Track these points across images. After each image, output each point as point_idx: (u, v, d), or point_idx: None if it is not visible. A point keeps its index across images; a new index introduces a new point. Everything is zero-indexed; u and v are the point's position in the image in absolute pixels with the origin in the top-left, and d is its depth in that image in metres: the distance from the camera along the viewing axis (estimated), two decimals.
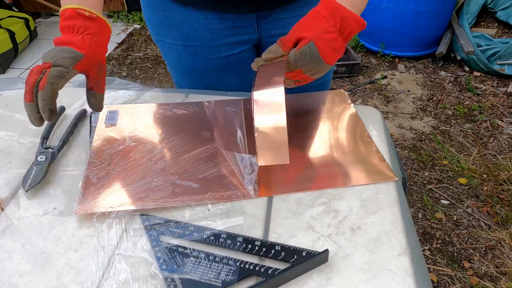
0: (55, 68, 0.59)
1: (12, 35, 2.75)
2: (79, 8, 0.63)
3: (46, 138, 0.71)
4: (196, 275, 0.50)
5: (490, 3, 2.99)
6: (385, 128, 0.75)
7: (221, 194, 0.61)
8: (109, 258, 0.53)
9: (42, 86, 0.58)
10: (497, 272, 1.45)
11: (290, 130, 0.59)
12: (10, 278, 0.51)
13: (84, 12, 0.63)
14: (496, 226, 1.62)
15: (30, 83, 0.59)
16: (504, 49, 2.43)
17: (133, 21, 3.40)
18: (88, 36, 0.63)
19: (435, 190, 1.79)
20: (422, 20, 2.50)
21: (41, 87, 0.58)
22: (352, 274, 0.50)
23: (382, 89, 2.46)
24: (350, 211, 0.58)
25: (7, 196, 0.62)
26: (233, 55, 0.87)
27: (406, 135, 2.10)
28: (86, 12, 0.63)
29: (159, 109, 0.80)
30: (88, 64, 0.63)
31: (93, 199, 0.60)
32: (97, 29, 0.64)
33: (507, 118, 2.18)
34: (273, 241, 0.54)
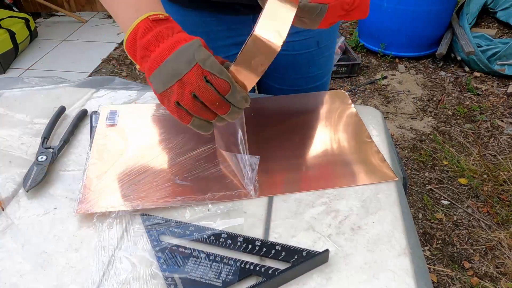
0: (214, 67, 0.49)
1: (13, 35, 2.75)
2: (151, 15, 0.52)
3: (47, 138, 0.71)
4: (197, 275, 0.50)
5: (490, 3, 2.99)
6: (386, 128, 0.75)
7: (222, 194, 0.61)
8: (109, 258, 0.53)
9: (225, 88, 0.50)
10: (497, 273, 1.45)
11: (290, 130, 0.59)
12: (10, 278, 0.51)
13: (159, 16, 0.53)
14: (496, 226, 1.62)
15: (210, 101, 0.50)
16: (504, 50, 2.43)
17: None
18: (183, 33, 0.53)
19: (435, 190, 1.79)
20: (422, 20, 2.50)
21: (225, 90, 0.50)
22: (352, 274, 0.50)
23: (382, 89, 2.46)
24: (350, 211, 0.58)
25: (7, 196, 0.62)
26: (231, 56, 0.88)
27: (406, 135, 2.10)
28: (160, 15, 0.53)
29: (160, 109, 0.80)
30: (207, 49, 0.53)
31: (94, 199, 0.60)
32: (178, 26, 0.54)
33: (507, 118, 2.18)
34: (273, 241, 0.54)
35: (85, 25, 3.39)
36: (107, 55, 2.94)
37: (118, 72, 2.74)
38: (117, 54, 2.96)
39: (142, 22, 0.52)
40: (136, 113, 0.79)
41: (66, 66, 2.82)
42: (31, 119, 0.78)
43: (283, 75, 0.62)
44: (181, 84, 0.50)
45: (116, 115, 0.77)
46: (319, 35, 0.89)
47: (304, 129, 0.74)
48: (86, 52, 2.99)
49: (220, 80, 0.50)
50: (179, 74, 0.49)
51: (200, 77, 0.49)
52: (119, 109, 0.79)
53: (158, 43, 0.51)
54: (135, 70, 2.76)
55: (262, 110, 0.79)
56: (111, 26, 3.36)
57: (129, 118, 0.77)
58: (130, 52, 0.54)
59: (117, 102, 0.83)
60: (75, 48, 3.05)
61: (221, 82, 0.50)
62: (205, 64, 0.49)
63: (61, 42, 3.13)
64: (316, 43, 0.90)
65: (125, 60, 2.88)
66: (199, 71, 0.49)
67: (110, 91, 0.86)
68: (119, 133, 0.73)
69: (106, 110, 0.78)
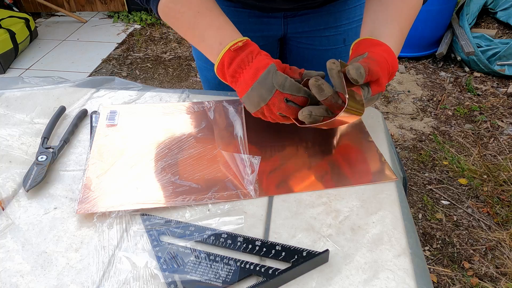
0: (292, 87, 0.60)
1: (13, 35, 2.75)
2: (232, 46, 0.62)
3: (47, 138, 0.71)
4: (197, 275, 0.50)
5: (491, 3, 2.99)
6: (386, 128, 0.75)
7: (222, 194, 0.61)
8: (109, 258, 0.53)
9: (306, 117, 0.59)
10: (497, 273, 1.45)
11: (290, 131, 0.59)
12: (10, 278, 0.51)
13: (238, 44, 0.62)
14: (496, 226, 1.62)
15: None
16: (504, 50, 2.43)
17: (133, 21, 3.40)
18: (260, 55, 0.62)
19: (435, 190, 1.79)
20: (422, 21, 2.50)
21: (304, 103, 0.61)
22: (352, 274, 0.50)
23: None
24: (350, 211, 0.58)
25: (7, 196, 0.62)
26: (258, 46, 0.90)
27: (406, 136, 2.10)
28: (239, 43, 0.62)
29: (160, 109, 0.80)
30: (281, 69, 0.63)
31: (94, 199, 0.60)
32: (256, 47, 0.64)
33: (507, 118, 2.18)
34: (273, 241, 0.54)
35: (85, 25, 3.39)
36: (107, 55, 2.94)
37: (118, 72, 2.74)
38: (117, 54, 2.96)
39: (226, 54, 0.62)
40: (136, 113, 0.79)
41: (66, 66, 2.82)
42: (31, 119, 0.78)
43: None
44: (268, 107, 0.61)
45: (116, 115, 0.77)
46: (346, 33, 0.90)
47: (304, 129, 0.74)
48: (86, 52, 2.99)
49: (299, 97, 0.60)
50: (264, 99, 0.60)
51: (282, 101, 0.60)
52: (119, 109, 0.79)
53: (241, 70, 0.62)
54: (135, 70, 2.76)
55: None
56: (111, 26, 3.36)
57: (129, 118, 0.77)
58: (221, 78, 0.65)
59: (117, 102, 0.83)
60: (75, 48, 3.05)
61: (300, 99, 0.61)
62: (284, 88, 0.59)
63: (61, 42, 3.13)
64: (343, 40, 0.91)
65: (125, 60, 2.88)
66: (280, 96, 0.60)
67: (110, 91, 0.86)
68: (119, 133, 0.73)
69: (106, 110, 0.78)
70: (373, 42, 0.63)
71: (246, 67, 0.62)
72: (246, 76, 0.61)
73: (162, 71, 2.76)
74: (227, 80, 0.64)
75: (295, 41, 0.92)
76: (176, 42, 3.10)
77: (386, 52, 0.61)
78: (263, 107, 0.62)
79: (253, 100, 0.61)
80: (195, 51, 0.98)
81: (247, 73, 0.61)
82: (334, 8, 0.86)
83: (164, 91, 0.87)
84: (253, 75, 0.61)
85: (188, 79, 2.67)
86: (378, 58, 0.59)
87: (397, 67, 0.63)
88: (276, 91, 0.59)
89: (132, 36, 3.21)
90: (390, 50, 0.62)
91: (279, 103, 0.60)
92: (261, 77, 0.60)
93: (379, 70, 0.58)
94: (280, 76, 0.60)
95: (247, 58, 0.62)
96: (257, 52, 0.63)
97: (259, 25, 0.87)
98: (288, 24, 0.88)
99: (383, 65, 0.59)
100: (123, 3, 3.43)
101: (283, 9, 0.84)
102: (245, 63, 0.62)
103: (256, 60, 0.62)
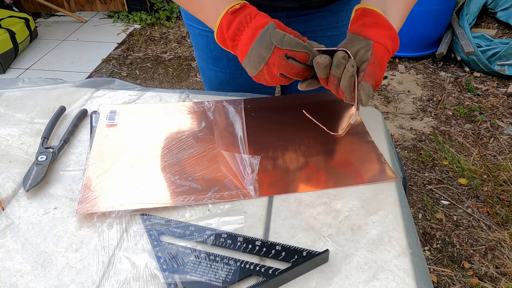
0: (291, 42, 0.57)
1: (13, 35, 2.75)
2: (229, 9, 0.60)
3: (47, 138, 0.71)
4: (197, 275, 0.50)
5: (491, 3, 2.99)
6: (386, 128, 0.75)
7: (222, 194, 0.61)
8: (109, 258, 0.53)
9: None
10: (497, 273, 1.45)
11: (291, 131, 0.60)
12: (10, 278, 0.51)
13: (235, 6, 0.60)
14: (496, 226, 1.62)
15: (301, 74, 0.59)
16: (504, 50, 2.43)
17: (133, 21, 3.40)
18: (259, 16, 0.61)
19: (435, 190, 1.79)
20: (422, 21, 2.50)
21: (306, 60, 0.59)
22: (352, 274, 0.50)
23: (382, 89, 2.46)
24: (350, 211, 0.58)
25: (7, 195, 0.62)
26: None
27: (406, 136, 2.10)
28: (236, 5, 0.60)
29: (160, 109, 0.80)
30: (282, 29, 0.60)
31: (94, 199, 0.60)
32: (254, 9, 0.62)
33: (507, 118, 2.18)
34: (273, 241, 0.54)
35: (85, 25, 3.39)
36: (107, 55, 2.94)
37: (118, 72, 2.74)
38: (117, 54, 2.96)
39: (224, 18, 0.61)
40: (136, 113, 0.79)
41: (66, 66, 2.82)
42: (31, 119, 0.78)
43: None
44: (268, 67, 0.59)
45: (116, 115, 0.77)
46: None
47: (304, 129, 0.74)
48: (86, 52, 2.99)
49: (299, 53, 0.58)
50: (264, 58, 0.58)
51: (281, 57, 0.58)
52: (119, 109, 0.79)
53: (240, 33, 0.60)
54: (135, 70, 2.76)
55: (262, 110, 0.79)
56: (111, 26, 3.36)
57: (129, 118, 0.77)
58: (222, 44, 0.64)
59: (117, 102, 0.83)
60: (75, 48, 3.05)
61: (300, 54, 0.58)
62: (283, 44, 0.57)
63: (61, 42, 3.13)
64: None
65: (125, 60, 2.88)
66: (279, 52, 0.57)
67: (110, 91, 0.86)
68: (119, 133, 0.73)
69: (106, 110, 0.78)
70: (380, 22, 0.61)
71: (245, 28, 0.60)
72: (245, 38, 0.60)
73: (162, 71, 2.76)
74: (228, 46, 0.63)
75: None
76: (176, 42, 3.10)
77: (392, 40, 0.61)
78: (264, 68, 0.59)
79: (253, 61, 0.59)
80: (197, 51, 0.98)
81: (246, 34, 0.60)
82: (336, 8, 0.86)
83: (164, 91, 0.87)
84: (251, 35, 0.59)
85: (188, 79, 2.67)
86: (383, 60, 0.60)
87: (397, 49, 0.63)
88: (275, 48, 0.57)
89: (132, 36, 3.20)
90: (396, 35, 0.61)
91: (279, 60, 0.58)
92: (259, 36, 0.58)
93: (381, 74, 0.59)
94: (278, 32, 0.58)
95: (246, 20, 0.60)
96: (255, 13, 0.61)
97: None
98: (290, 24, 0.88)
99: (384, 66, 0.60)
100: (123, 3, 3.43)
101: (286, 8, 0.84)
102: (244, 24, 0.60)
103: (255, 21, 0.60)
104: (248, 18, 0.60)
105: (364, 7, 0.64)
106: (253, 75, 0.62)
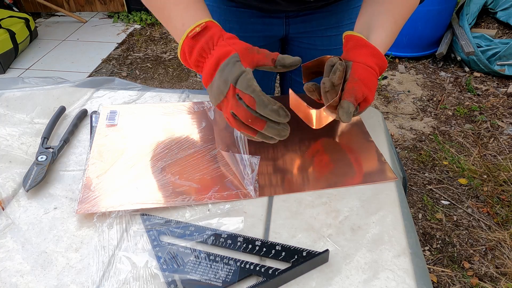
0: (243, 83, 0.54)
1: (13, 35, 2.75)
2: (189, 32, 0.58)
3: (47, 138, 0.71)
4: (197, 275, 0.50)
5: (490, 3, 2.99)
6: (386, 128, 0.75)
7: (222, 194, 0.61)
8: (109, 258, 0.53)
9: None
10: (497, 273, 1.45)
11: (291, 131, 0.60)
12: (10, 278, 0.51)
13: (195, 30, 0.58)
14: (496, 226, 1.62)
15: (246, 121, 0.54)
16: (504, 50, 2.43)
17: (133, 21, 3.40)
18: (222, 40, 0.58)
19: (435, 190, 1.79)
20: (422, 21, 2.50)
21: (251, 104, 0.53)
22: (352, 274, 0.50)
23: (383, 89, 2.46)
24: (350, 211, 0.58)
25: (7, 195, 0.62)
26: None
27: (406, 136, 2.10)
28: (197, 28, 0.58)
29: (160, 109, 0.80)
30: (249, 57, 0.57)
31: (94, 199, 0.60)
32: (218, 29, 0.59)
33: (507, 118, 2.18)
34: (273, 241, 0.54)
35: (85, 25, 3.39)
36: (107, 55, 2.94)
37: (118, 72, 2.74)
38: (117, 54, 2.96)
39: (185, 42, 0.58)
40: (136, 113, 0.79)
41: (66, 66, 2.82)
42: (31, 119, 0.78)
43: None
44: (226, 102, 0.56)
45: (116, 115, 0.77)
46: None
47: (304, 129, 0.74)
48: (86, 52, 2.99)
49: (246, 95, 0.53)
50: (223, 92, 0.55)
51: (234, 96, 0.54)
52: (119, 109, 0.79)
53: (204, 60, 0.58)
54: (135, 70, 2.76)
55: None
56: (111, 26, 3.36)
57: (129, 118, 0.77)
58: (189, 66, 0.61)
59: (117, 102, 0.83)
60: (75, 48, 3.05)
61: (247, 96, 0.53)
62: (237, 82, 0.54)
63: (61, 42, 3.13)
64: None
65: (125, 60, 2.88)
66: (233, 91, 0.54)
67: (110, 91, 0.86)
68: (119, 133, 0.73)
69: (106, 110, 0.78)
70: (361, 43, 0.63)
71: (207, 55, 0.57)
72: (208, 67, 0.57)
73: (162, 71, 2.76)
74: (194, 69, 0.61)
75: (297, 41, 0.92)
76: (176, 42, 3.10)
77: (372, 56, 0.62)
78: (222, 101, 0.57)
79: (214, 92, 0.57)
80: None
81: (208, 62, 0.57)
82: (336, 9, 0.86)
83: (164, 91, 0.87)
84: (214, 65, 0.56)
85: (188, 79, 2.67)
86: (363, 76, 0.60)
87: (386, 65, 0.64)
88: (231, 85, 0.54)
89: (132, 36, 3.21)
90: (377, 51, 0.62)
91: (232, 99, 0.55)
92: (220, 67, 0.56)
93: (365, 89, 0.60)
94: (237, 69, 0.54)
95: (207, 45, 0.57)
96: (218, 37, 0.58)
97: (261, 25, 0.87)
98: (290, 24, 0.88)
99: (368, 82, 0.60)
100: (122, 3, 3.43)
101: (286, 11, 0.85)
102: (206, 51, 0.57)
103: (217, 48, 0.57)
104: (211, 44, 0.57)
105: (347, 34, 0.66)
106: (213, 104, 0.59)
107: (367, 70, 0.61)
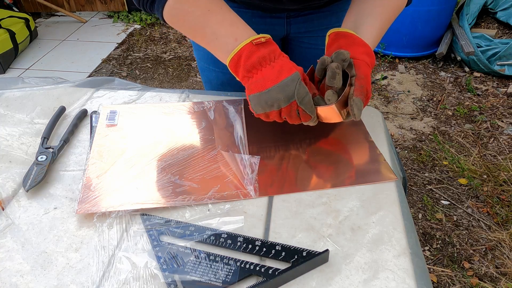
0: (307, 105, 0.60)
1: (13, 35, 2.75)
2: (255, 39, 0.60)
3: (47, 138, 0.71)
4: (197, 275, 0.50)
5: (490, 3, 2.99)
6: (385, 128, 0.75)
7: (222, 194, 0.61)
8: (109, 258, 0.53)
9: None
10: (497, 273, 1.45)
11: (291, 131, 0.60)
12: (10, 278, 0.51)
13: (261, 39, 0.60)
14: (496, 226, 1.62)
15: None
16: (504, 50, 2.43)
17: (133, 21, 3.40)
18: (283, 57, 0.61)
19: (435, 190, 1.79)
20: (422, 21, 2.50)
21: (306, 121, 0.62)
22: (352, 274, 0.50)
23: (382, 89, 2.46)
24: (350, 211, 0.58)
25: (7, 195, 0.62)
26: None
27: (406, 136, 2.10)
28: (262, 39, 0.60)
29: (159, 109, 0.80)
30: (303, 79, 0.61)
31: (94, 199, 0.60)
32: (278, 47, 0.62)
33: (507, 118, 2.18)
34: (273, 241, 0.54)
35: (85, 25, 3.39)
36: (107, 55, 2.94)
37: (118, 72, 2.74)
38: (117, 54, 2.96)
39: (246, 47, 0.60)
40: (136, 113, 0.79)
41: (66, 66, 2.82)
42: (31, 119, 0.78)
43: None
44: (279, 113, 0.61)
45: (116, 115, 0.77)
46: None
47: (304, 129, 0.74)
48: (86, 52, 2.99)
49: (306, 114, 0.61)
50: (278, 105, 0.60)
51: (294, 111, 0.60)
52: (119, 109, 0.79)
53: (260, 67, 0.60)
54: (135, 70, 2.76)
55: None
56: (111, 26, 3.36)
57: (129, 118, 0.77)
58: (233, 70, 0.63)
59: (117, 102, 0.83)
60: (75, 48, 3.05)
61: (308, 117, 0.61)
62: (302, 102, 0.59)
63: (61, 42, 3.13)
64: None
65: (125, 60, 2.88)
66: (294, 107, 0.60)
67: (110, 91, 0.86)
68: (119, 133, 0.73)
69: (106, 110, 0.78)
70: (355, 41, 0.64)
71: (267, 65, 0.60)
72: (265, 75, 0.59)
73: (162, 71, 2.76)
74: (239, 74, 0.62)
75: (298, 40, 0.92)
76: (176, 42, 3.10)
77: (368, 56, 0.64)
78: (273, 112, 0.61)
79: (265, 101, 0.60)
80: (197, 52, 0.97)
81: (267, 71, 0.59)
82: (337, 8, 0.86)
83: (164, 91, 0.87)
84: (275, 76, 0.59)
85: (188, 79, 2.67)
86: (366, 74, 0.62)
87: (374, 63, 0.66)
88: (294, 102, 0.59)
89: (132, 36, 3.20)
90: (371, 51, 0.64)
91: (291, 112, 0.60)
92: (283, 82, 0.58)
93: (368, 86, 0.62)
94: (303, 88, 0.59)
95: (269, 56, 0.60)
96: (279, 53, 0.61)
97: (262, 25, 0.87)
98: (291, 24, 0.88)
99: (369, 80, 0.63)
100: (123, 3, 3.43)
101: (287, 10, 0.85)
102: (267, 60, 0.60)
103: (280, 61, 0.60)
104: (272, 56, 0.60)
105: (337, 31, 0.67)
106: (256, 112, 0.63)
107: (368, 68, 0.63)
